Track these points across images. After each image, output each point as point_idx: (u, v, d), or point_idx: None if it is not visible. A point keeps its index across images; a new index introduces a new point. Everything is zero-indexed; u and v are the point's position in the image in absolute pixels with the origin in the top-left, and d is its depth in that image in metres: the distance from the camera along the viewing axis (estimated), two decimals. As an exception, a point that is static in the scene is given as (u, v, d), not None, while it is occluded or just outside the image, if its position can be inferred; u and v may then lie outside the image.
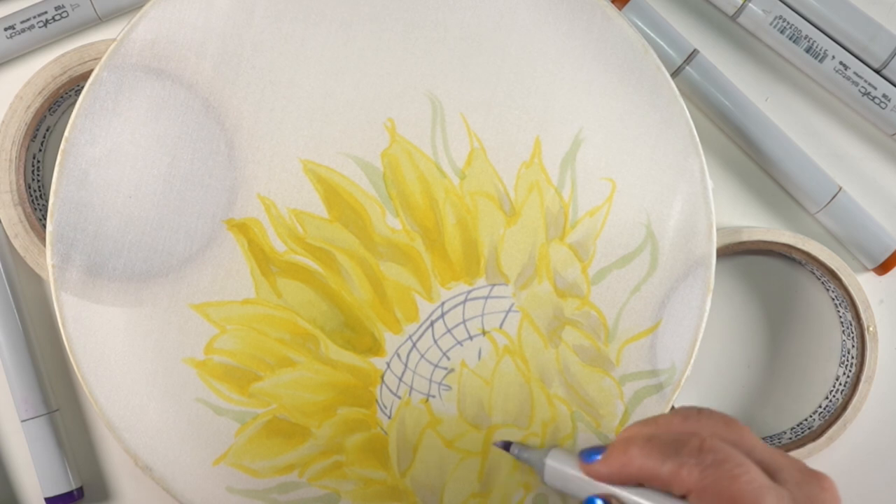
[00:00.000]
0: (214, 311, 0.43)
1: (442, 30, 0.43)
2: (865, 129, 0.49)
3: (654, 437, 0.34)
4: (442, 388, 0.44)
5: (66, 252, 0.42)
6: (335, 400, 0.43)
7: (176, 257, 0.42)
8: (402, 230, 0.43)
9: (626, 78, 0.43)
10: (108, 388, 0.42)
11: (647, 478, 0.34)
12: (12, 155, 0.45)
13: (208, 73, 0.42)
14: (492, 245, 0.43)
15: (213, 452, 0.43)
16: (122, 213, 0.42)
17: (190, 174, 0.42)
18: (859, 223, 0.47)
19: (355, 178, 0.43)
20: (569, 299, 0.43)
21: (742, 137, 0.47)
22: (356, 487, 0.44)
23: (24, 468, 0.48)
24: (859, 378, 0.47)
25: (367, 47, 0.42)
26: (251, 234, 0.43)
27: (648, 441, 0.34)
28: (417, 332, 0.43)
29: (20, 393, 0.46)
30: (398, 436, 0.44)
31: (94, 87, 0.42)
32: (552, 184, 0.43)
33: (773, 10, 0.46)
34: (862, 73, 0.47)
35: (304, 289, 0.43)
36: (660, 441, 0.34)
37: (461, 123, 0.43)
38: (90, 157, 0.42)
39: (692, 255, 0.43)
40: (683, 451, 0.33)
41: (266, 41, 0.42)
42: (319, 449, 0.43)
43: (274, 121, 0.42)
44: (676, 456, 0.33)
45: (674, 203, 0.43)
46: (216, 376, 0.43)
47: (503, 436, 0.44)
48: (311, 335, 0.43)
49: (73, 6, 0.45)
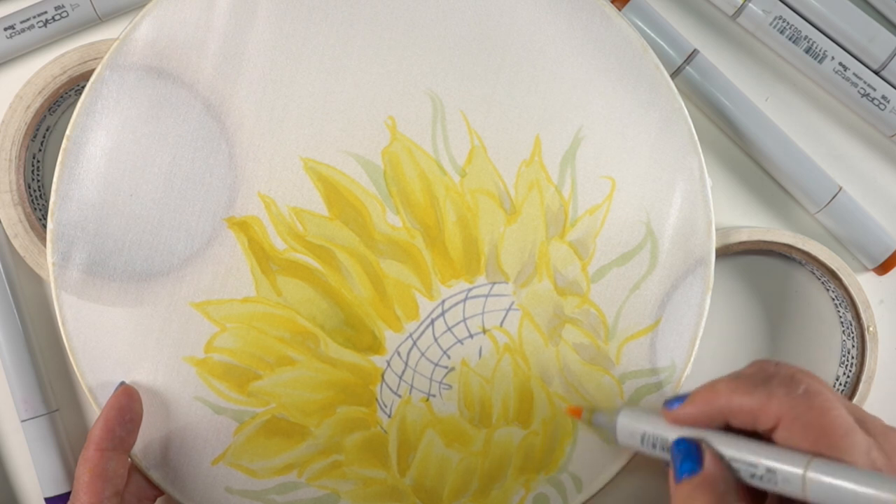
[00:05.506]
0: (215, 310, 0.43)
1: (442, 28, 0.43)
2: (865, 130, 0.49)
3: (741, 374, 0.34)
4: (442, 387, 0.44)
5: (67, 250, 0.42)
6: (335, 399, 0.43)
7: (176, 256, 0.42)
8: (403, 228, 0.43)
9: (626, 77, 0.43)
10: (107, 387, 0.42)
11: (736, 412, 0.33)
12: (12, 155, 0.45)
13: (209, 72, 0.42)
14: (492, 243, 0.43)
15: (212, 452, 0.43)
16: (123, 212, 0.42)
17: (191, 172, 0.42)
18: (859, 223, 0.47)
19: (356, 176, 0.43)
20: (569, 297, 0.43)
21: (742, 137, 0.47)
22: (355, 487, 0.43)
23: (24, 468, 0.48)
24: (859, 378, 0.47)
25: (368, 46, 0.43)
26: (251, 232, 0.43)
27: (736, 377, 0.33)
28: (418, 330, 0.43)
29: (20, 393, 0.46)
30: (398, 435, 0.43)
31: (96, 85, 0.42)
32: (552, 182, 0.43)
33: (772, 10, 0.47)
34: (861, 74, 0.47)
35: (305, 287, 0.43)
36: (747, 376, 0.33)
37: (461, 121, 0.43)
38: (91, 156, 0.42)
39: (692, 253, 0.43)
40: (773, 381, 0.32)
41: (267, 40, 0.42)
42: (318, 448, 0.43)
43: (275, 119, 0.43)
44: (765, 386, 0.32)
45: (673, 201, 0.43)
46: (216, 375, 0.43)
47: (503, 436, 0.43)
48: (310, 333, 0.43)
49: (73, 6, 0.46)
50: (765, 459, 0.32)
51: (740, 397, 0.33)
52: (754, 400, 0.32)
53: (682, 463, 0.34)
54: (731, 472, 0.33)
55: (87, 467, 0.39)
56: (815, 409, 0.31)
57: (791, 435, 0.32)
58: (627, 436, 0.39)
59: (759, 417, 0.32)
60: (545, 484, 0.44)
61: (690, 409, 0.35)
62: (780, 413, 0.32)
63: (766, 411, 0.32)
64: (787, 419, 0.32)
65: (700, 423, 0.35)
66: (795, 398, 0.32)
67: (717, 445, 0.34)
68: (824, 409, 0.31)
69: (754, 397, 0.32)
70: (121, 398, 0.41)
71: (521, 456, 0.43)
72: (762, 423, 0.32)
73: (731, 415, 0.33)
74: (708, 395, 0.34)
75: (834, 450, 0.31)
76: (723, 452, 0.34)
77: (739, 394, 0.33)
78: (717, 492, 0.33)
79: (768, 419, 0.32)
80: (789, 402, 0.32)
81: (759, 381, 0.33)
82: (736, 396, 0.33)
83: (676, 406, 0.35)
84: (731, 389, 0.33)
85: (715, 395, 0.34)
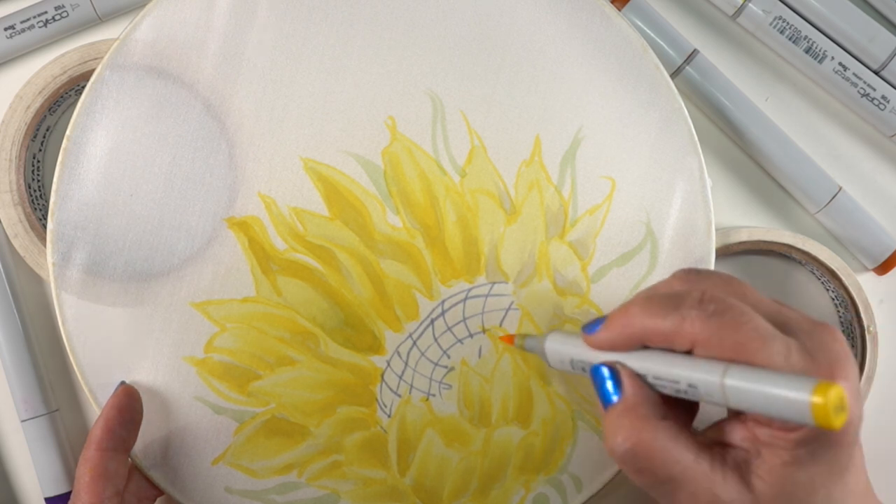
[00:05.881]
0: (215, 310, 0.43)
1: (442, 28, 0.43)
2: (865, 130, 0.49)
3: (653, 296, 0.33)
4: (442, 387, 0.44)
5: (67, 251, 0.42)
6: (335, 399, 0.43)
7: (177, 256, 0.42)
8: (403, 228, 0.43)
9: (625, 77, 0.43)
10: (107, 387, 0.42)
11: (651, 336, 0.33)
12: (12, 155, 0.45)
13: (209, 72, 0.42)
14: (492, 243, 0.43)
15: (212, 452, 0.43)
16: (123, 212, 0.42)
17: (191, 173, 0.42)
18: (859, 223, 0.47)
19: (356, 176, 0.43)
20: (569, 297, 0.43)
21: (742, 137, 0.47)
22: (355, 487, 0.43)
23: (24, 468, 0.48)
24: (859, 378, 0.46)
25: (368, 46, 0.43)
26: (252, 233, 0.43)
27: (648, 300, 0.33)
28: (418, 330, 0.43)
29: (20, 393, 0.46)
30: (398, 434, 0.43)
31: (96, 85, 0.42)
32: (552, 182, 0.43)
33: (772, 10, 0.47)
34: (861, 75, 0.47)
35: (305, 287, 0.43)
36: (659, 298, 0.33)
37: (461, 121, 0.43)
38: (92, 156, 0.42)
39: (692, 253, 0.43)
40: (684, 304, 0.32)
41: (267, 40, 0.42)
42: (318, 448, 0.43)
43: (275, 119, 0.43)
44: (677, 310, 0.32)
45: (673, 201, 0.43)
46: (216, 375, 0.43)
47: (503, 435, 0.43)
48: (310, 333, 0.43)
49: (73, 6, 0.46)
50: (684, 373, 0.32)
51: (653, 321, 0.32)
52: (667, 324, 0.32)
53: (603, 390, 0.34)
54: (653, 392, 0.33)
55: (87, 467, 0.39)
56: (727, 327, 0.31)
57: (709, 354, 0.32)
58: (557, 361, 0.38)
59: (674, 341, 0.32)
60: (545, 484, 0.44)
61: (606, 333, 0.34)
62: (694, 335, 0.32)
63: (680, 334, 0.32)
64: (702, 340, 0.31)
65: (618, 346, 0.34)
66: (707, 319, 0.31)
67: (635, 366, 0.34)
68: (737, 325, 0.31)
69: (667, 321, 0.32)
70: (121, 398, 0.41)
71: (521, 456, 0.43)
72: (678, 345, 0.32)
73: (647, 338, 0.33)
74: (622, 318, 0.33)
75: (752, 362, 0.31)
76: (643, 373, 0.34)
77: (652, 317, 0.32)
78: (640, 415, 0.33)
79: (684, 341, 0.32)
80: (701, 323, 0.31)
81: (670, 305, 0.32)
82: (649, 320, 0.33)
83: (595, 331, 0.35)
84: (644, 313, 0.33)
85: (629, 319, 0.33)
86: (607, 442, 0.34)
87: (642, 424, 0.33)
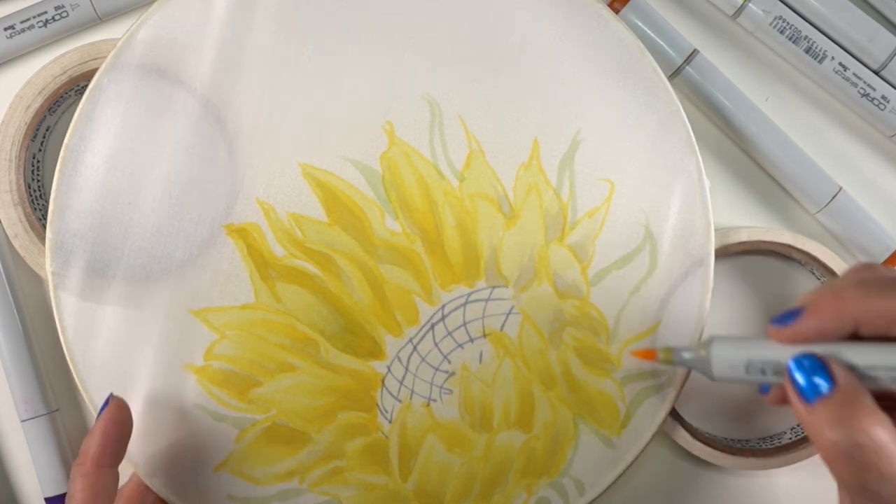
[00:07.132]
0: (214, 317, 0.43)
1: (440, 33, 0.43)
2: (865, 130, 0.49)
3: (866, 279, 0.31)
4: (443, 392, 0.43)
5: (66, 259, 0.42)
6: (335, 404, 0.43)
7: (175, 263, 0.42)
8: (402, 233, 0.43)
9: (623, 80, 0.43)
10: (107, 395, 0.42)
11: (872, 318, 0.30)
12: (12, 155, 0.45)
13: (208, 79, 0.42)
14: (491, 247, 0.43)
15: (213, 460, 0.43)
16: (122, 220, 0.42)
17: (189, 180, 0.42)
18: (859, 223, 0.47)
19: (354, 182, 0.43)
20: (569, 301, 0.43)
21: (742, 137, 0.47)
22: (357, 493, 0.43)
23: (24, 468, 0.48)
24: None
25: (365, 51, 0.43)
26: (250, 239, 0.43)
27: (862, 283, 0.30)
28: (418, 335, 0.43)
29: (20, 393, 0.46)
30: (399, 440, 0.43)
31: (94, 93, 0.42)
32: (551, 185, 0.43)
33: (772, 10, 0.46)
34: (861, 75, 0.47)
35: (304, 293, 0.43)
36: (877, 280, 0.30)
37: (459, 126, 0.43)
38: (90, 164, 0.42)
39: (691, 254, 0.43)
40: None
41: (265, 46, 0.42)
42: (319, 454, 0.43)
43: (273, 125, 0.42)
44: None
45: (672, 203, 0.43)
46: (215, 382, 0.43)
47: (504, 440, 0.43)
48: (310, 340, 0.43)
49: (73, 6, 0.46)
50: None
51: (875, 302, 0.30)
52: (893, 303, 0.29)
53: (810, 383, 0.31)
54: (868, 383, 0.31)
55: (84, 483, 0.39)
56: None
57: None
58: (727, 368, 0.35)
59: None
60: (547, 488, 0.43)
61: (813, 321, 0.31)
62: None
63: None
64: None
65: (825, 336, 0.31)
66: None
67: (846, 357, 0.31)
68: None
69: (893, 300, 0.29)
70: (116, 411, 0.40)
71: (523, 460, 0.43)
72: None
73: (865, 322, 0.30)
74: (834, 302, 0.31)
75: None
76: (855, 363, 0.31)
77: (873, 298, 0.30)
78: (862, 405, 0.30)
79: None
80: None
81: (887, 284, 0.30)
82: (870, 302, 0.30)
83: (791, 322, 0.32)
84: (862, 295, 0.30)
85: (843, 303, 0.30)
86: (822, 437, 0.30)
87: (865, 415, 0.30)
